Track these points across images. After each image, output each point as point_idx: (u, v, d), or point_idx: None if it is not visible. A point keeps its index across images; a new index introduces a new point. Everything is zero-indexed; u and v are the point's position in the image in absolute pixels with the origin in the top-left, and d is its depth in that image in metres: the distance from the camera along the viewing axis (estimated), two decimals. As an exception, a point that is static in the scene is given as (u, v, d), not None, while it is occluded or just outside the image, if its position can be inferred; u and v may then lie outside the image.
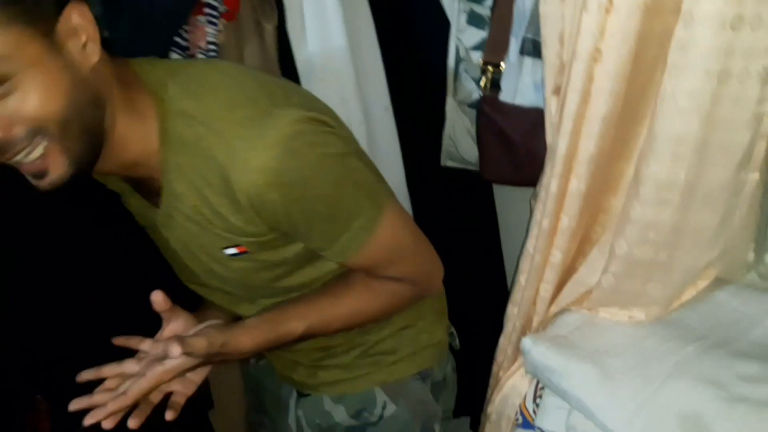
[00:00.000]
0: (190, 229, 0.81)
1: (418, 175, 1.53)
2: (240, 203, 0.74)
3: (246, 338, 0.83)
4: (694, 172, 0.92)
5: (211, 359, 0.82)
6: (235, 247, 0.82)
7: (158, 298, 0.79)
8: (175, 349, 0.73)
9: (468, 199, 1.57)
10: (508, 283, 1.56)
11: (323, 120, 0.77)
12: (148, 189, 0.83)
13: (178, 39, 1.17)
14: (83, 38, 0.69)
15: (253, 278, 0.88)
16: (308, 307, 0.88)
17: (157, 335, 0.85)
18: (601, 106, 0.97)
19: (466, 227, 1.57)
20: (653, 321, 1.09)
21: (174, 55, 1.16)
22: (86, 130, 0.71)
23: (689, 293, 1.09)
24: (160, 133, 0.75)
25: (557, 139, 1.02)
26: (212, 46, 1.19)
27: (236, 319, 0.92)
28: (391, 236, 0.85)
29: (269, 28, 1.29)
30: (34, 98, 0.66)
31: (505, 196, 1.58)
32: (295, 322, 0.86)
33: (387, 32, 1.43)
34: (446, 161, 1.54)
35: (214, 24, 1.19)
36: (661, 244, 0.99)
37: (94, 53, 0.70)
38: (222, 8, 1.18)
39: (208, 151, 0.73)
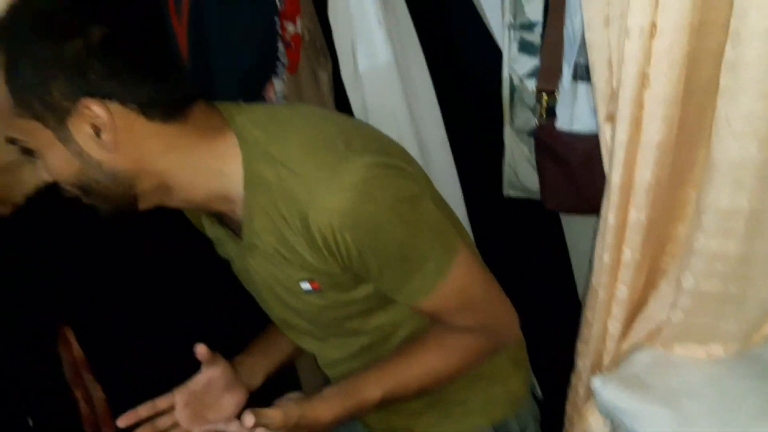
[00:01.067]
0: (268, 265, 0.85)
1: (481, 207, 1.51)
2: (316, 243, 0.77)
3: (325, 409, 0.84)
4: (758, 199, 0.85)
5: None
6: (310, 283, 0.84)
7: (202, 351, 0.83)
8: (249, 419, 0.75)
9: (535, 229, 1.52)
10: (582, 316, 1.49)
11: (396, 164, 0.79)
12: (229, 223, 0.88)
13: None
14: (96, 130, 0.74)
15: (324, 316, 0.90)
16: (383, 371, 0.89)
17: (194, 378, 0.89)
18: (654, 133, 0.92)
19: (535, 259, 1.52)
20: (734, 357, 1.01)
21: None
22: (105, 196, 0.79)
23: (771, 326, 1.00)
24: (245, 174, 0.79)
25: (611, 170, 0.97)
26: (281, 99, 1.24)
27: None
28: (463, 281, 0.85)
29: (324, 77, 1.33)
30: (50, 170, 0.78)
31: (573, 225, 1.52)
32: (372, 387, 0.87)
33: (439, 67, 1.43)
34: (509, 191, 1.51)
35: (281, 77, 1.24)
36: (730, 277, 0.91)
37: (111, 142, 0.75)
38: (286, 61, 1.23)
39: (289, 192, 0.77)
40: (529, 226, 1.52)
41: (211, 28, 1.11)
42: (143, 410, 0.89)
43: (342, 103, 1.35)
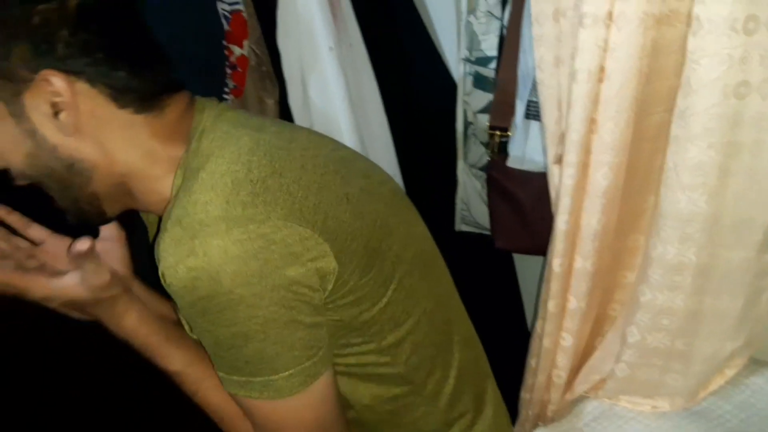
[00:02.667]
0: None
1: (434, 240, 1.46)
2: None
3: (134, 316, 0.75)
4: (706, 254, 0.82)
5: (89, 303, 0.73)
6: None
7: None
8: (80, 246, 0.67)
9: (486, 265, 1.48)
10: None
11: (293, 252, 0.64)
12: None
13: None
14: (55, 109, 0.66)
15: None
16: (200, 364, 0.77)
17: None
18: (601, 179, 0.89)
19: (485, 296, 1.48)
20: (680, 411, 0.98)
21: None
22: (61, 188, 0.70)
23: (717, 382, 0.97)
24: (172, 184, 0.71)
25: (557, 215, 0.94)
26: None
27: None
28: (270, 419, 0.71)
29: (270, 103, 1.27)
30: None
31: (525, 263, 1.49)
32: (179, 359, 0.77)
33: (393, 97, 1.38)
34: (460, 226, 1.47)
35: (226, 100, 1.19)
36: (676, 332, 0.88)
37: (71, 124, 0.66)
38: (231, 84, 1.18)
39: (166, 216, 0.68)
40: (481, 262, 1.47)
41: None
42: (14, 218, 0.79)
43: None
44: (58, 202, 0.73)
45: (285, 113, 1.28)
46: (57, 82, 0.64)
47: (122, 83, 0.67)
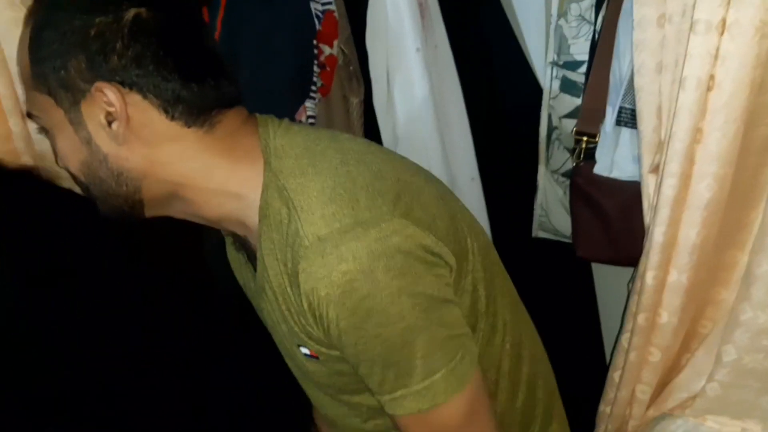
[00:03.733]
0: (276, 308, 0.74)
1: (509, 246, 1.44)
2: (302, 304, 0.67)
3: None
4: (817, 274, 0.78)
5: None
6: (308, 348, 0.74)
7: None
8: None
9: (563, 274, 1.45)
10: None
11: (425, 245, 0.65)
12: (247, 249, 0.79)
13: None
14: (109, 119, 0.67)
15: (324, 382, 0.81)
16: None
17: None
18: (704, 191, 0.86)
19: (560, 306, 1.45)
20: (773, 436, 0.94)
21: None
22: (108, 196, 0.72)
23: (817, 409, 0.92)
24: (261, 205, 0.70)
25: (653, 227, 0.91)
26: (311, 120, 1.20)
27: None
28: (453, 423, 0.69)
29: (355, 102, 1.28)
30: (59, 153, 0.72)
31: (604, 273, 1.45)
32: None
33: (476, 100, 1.37)
34: (538, 232, 1.44)
35: (313, 98, 1.20)
36: (778, 354, 0.84)
37: (121, 134, 0.68)
38: (319, 83, 1.19)
39: (292, 237, 0.67)
40: (558, 270, 1.45)
41: (243, 46, 1.07)
42: None
43: (372, 130, 1.31)
44: (98, 204, 0.74)
45: (369, 112, 1.28)
46: (110, 93, 0.66)
47: (173, 95, 0.67)
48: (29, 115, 0.72)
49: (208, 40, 0.73)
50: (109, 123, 0.67)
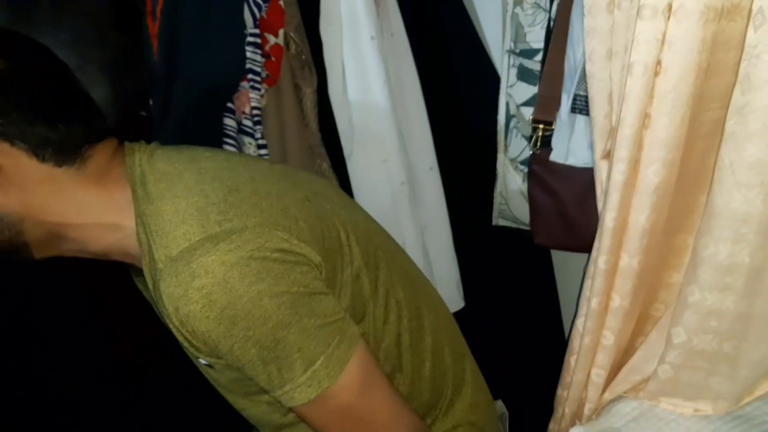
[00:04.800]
0: (172, 329, 0.74)
1: (470, 234, 1.45)
2: (174, 323, 0.68)
3: None
4: (761, 256, 0.79)
5: None
6: (202, 359, 0.75)
7: None
8: None
9: (523, 261, 1.47)
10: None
11: (282, 248, 0.68)
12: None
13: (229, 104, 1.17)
14: None
15: (230, 387, 0.83)
16: None
17: None
18: (652, 176, 0.87)
19: (520, 292, 1.46)
20: (722, 415, 0.95)
21: (226, 120, 1.16)
22: None
23: (763, 387, 0.94)
24: (136, 230, 0.73)
25: (604, 212, 0.92)
26: (256, 111, 1.18)
27: None
28: (348, 401, 0.72)
29: (308, 92, 1.26)
30: None
31: (563, 259, 1.47)
32: None
33: (434, 88, 1.37)
34: (498, 220, 1.45)
35: (258, 89, 1.18)
36: (724, 334, 0.86)
37: None
38: (264, 74, 1.17)
39: (151, 262, 0.70)
40: (518, 257, 1.46)
41: (180, 34, 1.05)
42: None
43: (327, 120, 1.29)
44: None
45: (323, 102, 1.27)
46: None
47: (39, 139, 0.69)
48: None
49: (71, 81, 0.74)
50: None
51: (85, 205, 0.73)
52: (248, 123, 1.15)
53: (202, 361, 0.76)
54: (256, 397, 0.83)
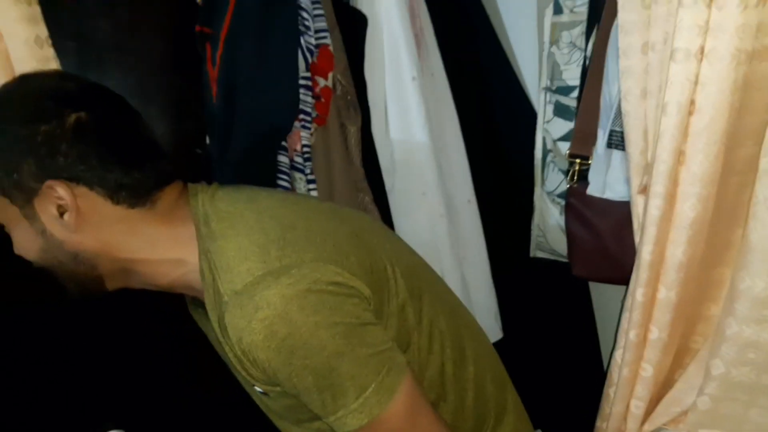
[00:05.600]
0: (228, 356, 0.80)
1: (507, 266, 1.48)
2: (237, 353, 0.74)
3: None
4: (798, 289, 0.81)
5: None
6: (259, 387, 0.81)
7: None
8: None
9: (560, 292, 1.48)
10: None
11: (336, 281, 0.73)
12: (203, 307, 0.84)
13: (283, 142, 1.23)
14: (60, 211, 0.75)
15: (283, 414, 0.88)
16: None
17: None
18: (688, 211, 0.89)
19: (558, 323, 1.48)
20: (764, 449, 0.96)
21: (280, 157, 1.22)
22: (69, 275, 0.79)
23: (805, 421, 0.94)
24: (199, 266, 0.78)
25: (641, 245, 0.94)
26: (306, 148, 1.24)
27: None
28: (397, 427, 0.75)
29: (353, 130, 1.32)
30: (16, 245, 0.79)
31: (602, 291, 1.48)
32: None
33: (472, 124, 1.42)
34: (535, 252, 1.48)
35: (308, 128, 1.23)
36: (763, 366, 0.87)
37: (72, 223, 0.75)
38: (314, 114, 1.23)
39: (216, 296, 0.75)
40: (555, 289, 1.48)
41: (239, 78, 1.12)
42: None
43: (370, 156, 1.35)
44: (63, 284, 0.81)
45: (367, 140, 1.33)
46: (59, 189, 0.73)
47: (115, 184, 0.75)
48: None
49: (143, 128, 0.80)
50: (61, 214, 0.75)
51: (154, 242, 0.79)
52: (299, 160, 1.21)
53: (258, 389, 0.81)
54: (307, 424, 0.87)
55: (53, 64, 1.06)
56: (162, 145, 0.82)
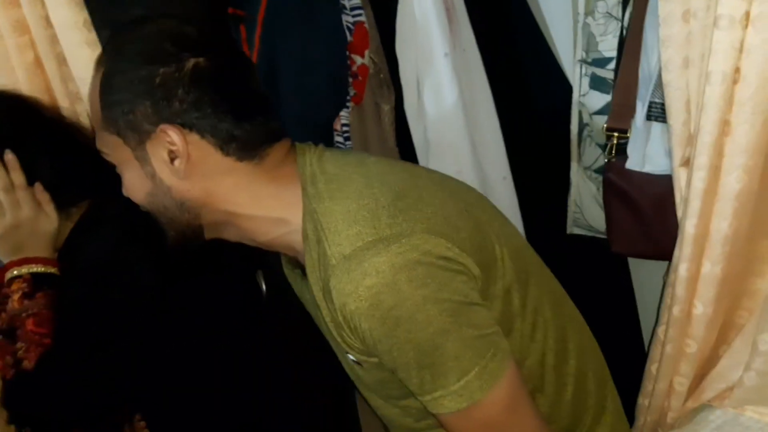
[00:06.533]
0: (324, 320, 0.79)
1: (544, 243, 1.46)
2: (338, 318, 0.72)
3: None
4: None
5: None
6: (352, 356, 0.79)
7: None
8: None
9: (599, 269, 1.46)
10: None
11: (446, 256, 0.70)
12: (301, 267, 0.83)
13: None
14: (171, 156, 0.74)
15: (373, 386, 0.86)
16: None
17: None
18: (733, 182, 0.87)
19: (597, 301, 1.45)
20: (814, 425, 0.94)
21: (336, 137, 1.23)
22: (172, 221, 0.79)
23: None
24: (302, 228, 0.77)
25: (685, 219, 0.92)
26: (346, 128, 1.24)
27: None
28: (496, 414, 0.72)
29: (386, 109, 1.31)
30: (126, 186, 0.80)
31: (641, 267, 1.46)
32: None
33: (506, 100, 1.39)
34: (572, 229, 1.45)
35: (347, 107, 1.24)
36: (814, 342, 0.85)
37: (182, 170, 0.75)
38: (352, 92, 1.23)
39: (321, 258, 0.74)
40: (594, 265, 1.45)
41: (281, 61, 1.12)
42: None
43: (404, 135, 1.34)
44: (164, 228, 0.81)
45: (400, 118, 1.32)
46: (173, 134, 0.73)
47: (227, 134, 0.75)
48: (99, 152, 0.80)
49: (256, 81, 0.80)
50: (172, 160, 0.75)
51: (259, 199, 0.78)
52: (339, 139, 1.21)
53: (351, 357, 0.79)
54: (394, 401, 0.86)
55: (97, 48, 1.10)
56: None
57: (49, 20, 1.14)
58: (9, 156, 0.97)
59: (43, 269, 1.00)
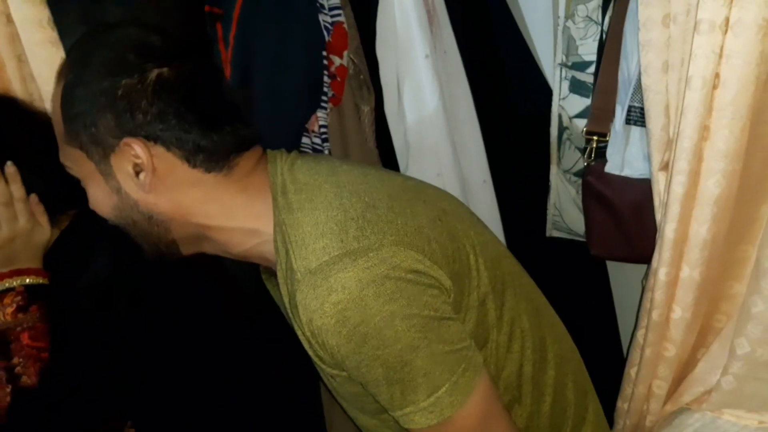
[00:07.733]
0: (300, 336, 0.76)
1: (523, 246, 1.46)
2: (306, 334, 0.70)
3: None
4: (827, 266, 0.79)
5: None
6: (325, 368, 0.77)
7: None
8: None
9: (578, 272, 1.46)
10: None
11: (416, 269, 0.68)
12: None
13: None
14: (136, 170, 0.72)
15: (351, 400, 0.84)
16: None
17: None
18: (712, 187, 0.87)
19: (576, 304, 1.46)
20: (790, 429, 0.95)
21: (304, 139, 1.21)
22: (143, 235, 0.77)
23: (834, 400, 0.93)
24: (273, 237, 0.75)
25: (664, 223, 0.92)
26: (323, 129, 1.22)
27: None
28: (467, 430, 0.71)
29: (366, 110, 1.30)
30: (91, 200, 0.78)
31: (619, 270, 1.46)
32: None
33: (486, 103, 1.39)
34: (552, 232, 1.46)
35: (324, 108, 1.22)
36: (791, 346, 0.85)
37: (148, 183, 0.73)
38: (330, 93, 1.21)
39: (288, 271, 0.72)
40: (572, 269, 1.46)
41: (256, 60, 1.10)
42: None
43: (384, 137, 1.33)
44: (139, 243, 0.79)
45: (381, 120, 1.31)
46: (137, 147, 0.71)
47: (192, 146, 0.72)
48: (63, 166, 0.78)
49: (225, 89, 0.77)
50: (137, 173, 0.73)
51: (230, 209, 0.76)
52: (317, 141, 1.19)
53: (326, 369, 0.77)
54: (371, 414, 0.84)
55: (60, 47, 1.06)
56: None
57: (10, 17, 1.10)
58: (11, 169, 0.94)
59: (35, 280, 0.97)
